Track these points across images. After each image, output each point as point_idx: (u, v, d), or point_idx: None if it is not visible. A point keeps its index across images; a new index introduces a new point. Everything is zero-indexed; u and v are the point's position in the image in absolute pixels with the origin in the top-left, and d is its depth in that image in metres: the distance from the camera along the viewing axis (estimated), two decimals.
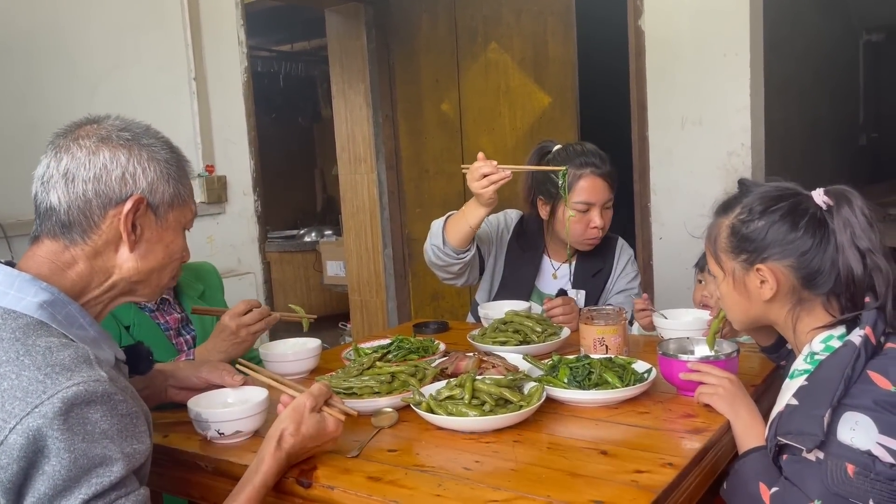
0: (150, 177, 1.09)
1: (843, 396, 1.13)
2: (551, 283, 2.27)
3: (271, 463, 1.15)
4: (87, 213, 1.07)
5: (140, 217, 1.10)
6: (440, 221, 2.17)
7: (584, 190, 2.09)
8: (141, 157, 1.09)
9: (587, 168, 2.08)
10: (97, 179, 1.06)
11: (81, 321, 1.06)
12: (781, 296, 1.28)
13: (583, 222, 2.11)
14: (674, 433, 1.32)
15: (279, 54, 6.99)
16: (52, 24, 2.61)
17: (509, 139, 3.74)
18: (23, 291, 1.02)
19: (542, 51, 3.65)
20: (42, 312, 1.02)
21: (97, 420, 0.95)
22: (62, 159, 1.07)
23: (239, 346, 1.70)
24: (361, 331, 4.54)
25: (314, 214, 7.61)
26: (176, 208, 1.14)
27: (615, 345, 1.69)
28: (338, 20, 4.31)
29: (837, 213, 1.24)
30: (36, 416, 0.91)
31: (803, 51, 4.87)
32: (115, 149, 1.08)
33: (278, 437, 1.17)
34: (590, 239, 2.14)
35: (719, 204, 1.38)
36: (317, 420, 1.21)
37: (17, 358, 0.95)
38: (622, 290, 2.24)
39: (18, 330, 0.99)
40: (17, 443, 0.90)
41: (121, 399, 0.99)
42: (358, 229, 4.48)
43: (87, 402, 0.94)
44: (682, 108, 3.39)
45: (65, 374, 0.94)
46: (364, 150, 4.33)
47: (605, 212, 2.13)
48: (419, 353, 1.75)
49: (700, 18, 3.29)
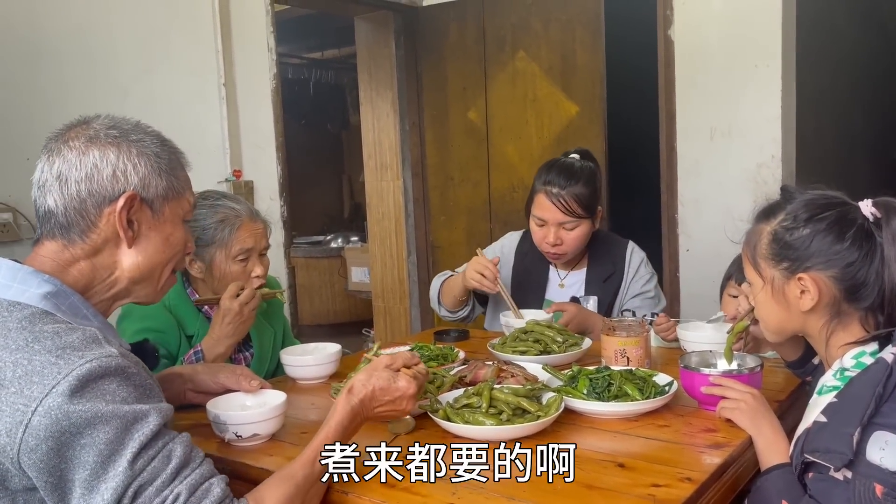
0: (141, 172, 1.10)
1: (873, 415, 1.10)
2: (559, 292, 2.27)
3: (344, 406, 1.19)
4: (83, 212, 1.08)
5: (135, 213, 1.11)
6: (437, 282, 2.30)
7: (538, 206, 2.15)
8: (130, 154, 1.10)
9: (544, 186, 2.12)
10: (89, 179, 1.08)
11: (85, 312, 1.08)
12: (821, 307, 1.24)
13: (539, 234, 2.17)
14: (694, 447, 1.29)
15: (310, 61, 7.07)
16: (84, 29, 2.67)
17: (536, 148, 3.73)
18: (26, 283, 1.04)
19: (571, 60, 3.64)
20: (46, 303, 1.04)
21: (115, 390, 0.97)
22: (55, 162, 1.09)
23: (244, 324, 1.74)
24: (384, 337, 4.55)
25: (341, 220, 7.65)
26: (171, 200, 1.15)
27: (636, 356, 1.67)
28: (367, 28, 4.34)
29: (887, 226, 1.20)
30: (55, 395, 0.93)
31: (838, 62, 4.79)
32: (104, 147, 1.09)
33: (349, 387, 1.22)
34: (547, 252, 2.18)
35: (760, 209, 1.34)
36: (389, 375, 1.25)
37: (26, 345, 0.97)
38: (638, 293, 2.23)
39: (24, 319, 1.00)
40: (41, 424, 0.92)
41: (134, 371, 1.01)
42: (383, 236, 4.49)
43: (102, 375, 0.97)
44: (712, 119, 3.36)
45: (76, 354, 0.97)
46: (390, 157, 4.35)
47: (566, 232, 2.13)
48: (438, 361, 1.75)
49: (730, 28, 3.26)
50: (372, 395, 1.22)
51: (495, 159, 3.92)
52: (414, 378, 1.27)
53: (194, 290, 1.86)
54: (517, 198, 3.80)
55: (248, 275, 1.82)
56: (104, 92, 2.71)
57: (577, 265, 2.28)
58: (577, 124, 3.65)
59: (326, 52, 7.00)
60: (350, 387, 1.22)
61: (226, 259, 1.78)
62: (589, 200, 2.12)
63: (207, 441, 1.39)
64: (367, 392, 1.22)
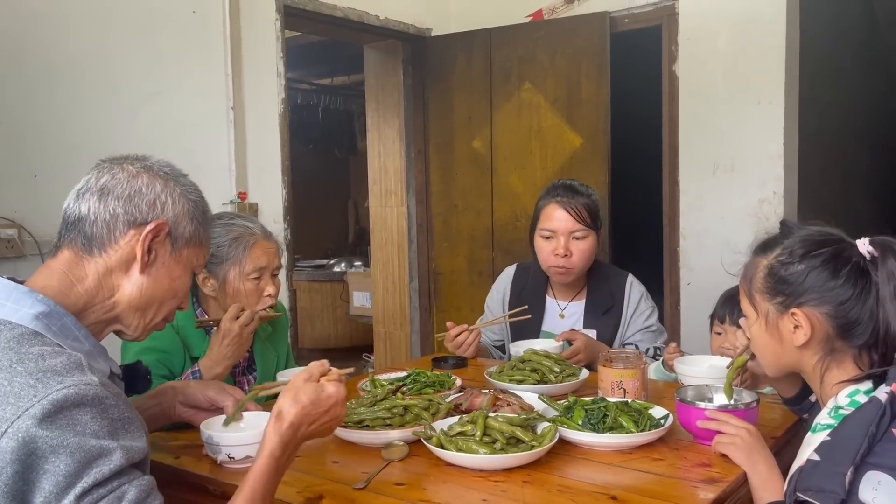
0: (177, 210, 1.16)
1: (866, 454, 1.10)
2: (559, 323, 2.26)
3: (273, 437, 1.13)
4: (111, 226, 1.11)
5: (158, 243, 1.14)
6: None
7: (547, 217, 2.19)
8: (174, 192, 1.16)
9: (553, 198, 2.19)
10: (129, 199, 1.12)
11: (76, 333, 1.08)
12: (814, 343, 1.24)
13: (548, 249, 2.18)
14: (688, 482, 1.29)
15: (319, 87, 7.14)
16: (98, 50, 2.71)
17: (539, 178, 3.75)
18: (19, 303, 1.05)
19: (576, 92, 3.68)
20: (37, 323, 1.04)
21: (87, 421, 0.96)
22: (103, 177, 1.14)
23: (242, 346, 1.74)
24: (384, 363, 4.53)
25: (346, 245, 7.67)
26: (192, 247, 1.19)
27: (633, 388, 1.67)
28: (376, 56, 4.40)
29: (882, 265, 1.20)
30: (25, 418, 0.92)
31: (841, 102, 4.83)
32: (153, 177, 1.15)
33: (277, 412, 1.15)
34: (555, 266, 2.18)
35: (759, 243, 1.35)
36: (314, 387, 1.18)
37: (9, 366, 0.97)
38: (640, 328, 2.22)
39: (13, 339, 1.01)
40: (8, 446, 0.91)
41: (112, 403, 0.99)
42: (385, 261, 4.50)
43: (77, 404, 0.95)
44: (714, 154, 3.38)
45: (55, 379, 0.96)
46: (395, 184, 4.38)
47: (575, 242, 2.16)
48: (435, 388, 1.75)
49: (735, 65, 3.29)
50: (304, 413, 1.15)
51: (499, 188, 3.95)
52: (339, 381, 1.21)
53: (204, 310, 1.87)
54: (520, 227, 3.81)
55: (261, 293, 1.83)
56: (115, 113, 2.75)
57: (576, 295, 2.28)
58: (580, 156, 3.67)
59: (336, 79, 7.08)
60: (277, 412, 1.15)
61: (239, 277, 1.79)
62: (595, 213, 2.21)
63: (200, 462, 1.39)
64: (298, 410, 1.14)
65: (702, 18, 3.37)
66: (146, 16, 2.84)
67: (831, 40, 4.48)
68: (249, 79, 3.19)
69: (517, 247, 3.66)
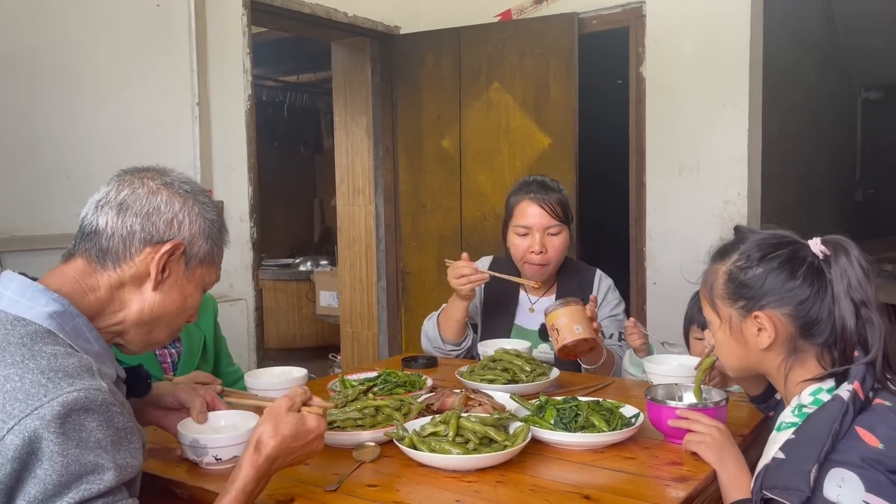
0: (194, 229, 1.17)
1: (830, 452, 1.12)
2: (529, 316, 2.28)
3: (248, 469, 1.11)
4: (128, 242, 1.12)
5: (172, 261, 1.15)
6: (432, 323, 2.28)
7: (521, 214, 2.20)
8: (192, 210, 1.17)
9: (526, 194, 2.21)
10: (147, 217, 1.13)
11: (88, 335, 1.09)
12: (778, 345, 1.26)
13: (523, 246, 2.20)
14: (659, 480, 1.30)
15: (285, 84, 7.07)
16: (60, 42, 2.64)
17: (508, 178, 3.76)
18: (34, 300, 1.05)
19: (544, 92, 3.69)
20: (51, 322, 1.05)
21: (93, 429, 0.96)
22: (123, 190, 1.14)
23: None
24: (351, 363, 4.50)
25: (311, 244, 7.61)
26: (205, 266, 1.21)
27: (564, 325, 1.81)
28: (344, 53, 4.36)
29: (835, 263, 1.23)
30: (34, 417, 0.92)
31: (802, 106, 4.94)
32: (173, 195, 1.16)
33: (255, 441, 1.14)
34: (530, 262, 2.20)
35: (715, 250, 1.37)
36: (296, 419, 1.16)
37: (21, 362, 0.98)
38: (607, 316, 2.26)
39: (26, 336, 1.01)
40: (12, 443, 0.92)
41: (118, 411, 1.00)
42: (353, 260, 4.47)
43: (86, 409, 0.96)
44: (681, 156, 3.42)
45: (66, 380, 0.97)
46: (363, 182, 4.35)
47: (550, 238, 2.19)
48: (406, 388, 1.74)
49: (700, 68, 3.34)
50: (283, 446, 1.13)
51: (468, 187, 3.95)
52: (321, 415, 1.21)
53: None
54: (488, 226, 3.82)
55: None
56: (77, 107, 2.68)
57: (547, 290, 2.30)
58: (549, 156, 3.69)
59: (302, 76, 7.01)
60: (256, 441, 1.13)
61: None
62: (566, 208, 2.23)
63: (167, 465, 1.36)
64: (277, 443, 1.13)
65: (669, 21, 3.41)
66: (110, 8, 2.76)
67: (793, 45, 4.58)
68: (215, 75, 3.14)
69: (486, 246, 3.67)
